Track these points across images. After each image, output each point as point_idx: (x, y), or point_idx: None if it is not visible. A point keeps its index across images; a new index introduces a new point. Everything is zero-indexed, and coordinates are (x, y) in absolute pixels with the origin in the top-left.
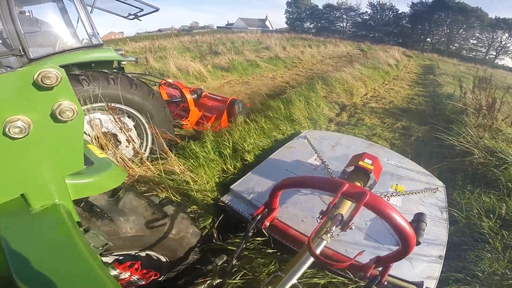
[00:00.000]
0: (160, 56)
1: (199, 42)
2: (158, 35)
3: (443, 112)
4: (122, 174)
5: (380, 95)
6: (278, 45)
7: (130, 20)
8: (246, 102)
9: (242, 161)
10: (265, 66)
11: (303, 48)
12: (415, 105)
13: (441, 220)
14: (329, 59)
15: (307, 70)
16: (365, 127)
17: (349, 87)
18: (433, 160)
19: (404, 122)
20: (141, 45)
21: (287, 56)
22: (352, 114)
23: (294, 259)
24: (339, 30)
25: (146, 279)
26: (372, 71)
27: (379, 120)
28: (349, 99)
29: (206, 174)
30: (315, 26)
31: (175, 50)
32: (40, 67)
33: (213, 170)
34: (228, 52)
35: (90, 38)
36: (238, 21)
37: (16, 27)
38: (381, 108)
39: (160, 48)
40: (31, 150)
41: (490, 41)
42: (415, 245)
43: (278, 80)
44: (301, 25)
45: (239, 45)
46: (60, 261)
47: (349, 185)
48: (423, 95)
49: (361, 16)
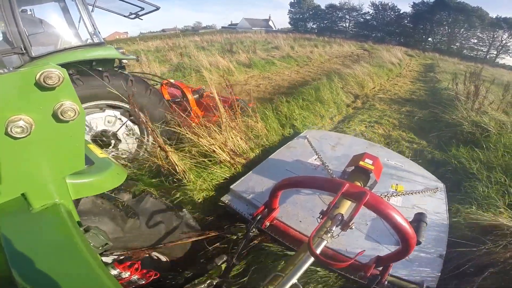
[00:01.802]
0: (180, 54)
1: (210, 41)
2: (164, 35)
3: (440, 100)
4: (122, 173)
5: (386, 89)
6: (287, 45)
7: (131, 19)
8: (247, 102)
9: (292, 128)
10: (279, 64)
11: (311, 48)
12: (416, 96)
13: (442, 220)
14: (336, 58)
15: (318, 68)
16: (376, 110)
17: (360, 81)
18: (432, 131)
19: (408, 107)
20: (154, 44)
21: (297, 55)
22: (365, 101)
23: (294, 258)
24: (341, 30)
25: (146, 279)
26: (377, 69)
27: (388, 106)
28: (360, 91)
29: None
30: (318, 26)
31: (194, 49)
32: (42, 67)
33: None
34: (242, 51)
35: (91, 37)
36: (243, 21)
37: (18, 26)
38: (388, 98)
39: (175, 47)
40: (32, 149)
41: (491, 40)
42: (415, 245)
43: (294, 76)
44: (304, 25)
45: (249, 44)
46: (60, 261)
47: (349, 185)
48: (424, 89)
49: (363, 16)
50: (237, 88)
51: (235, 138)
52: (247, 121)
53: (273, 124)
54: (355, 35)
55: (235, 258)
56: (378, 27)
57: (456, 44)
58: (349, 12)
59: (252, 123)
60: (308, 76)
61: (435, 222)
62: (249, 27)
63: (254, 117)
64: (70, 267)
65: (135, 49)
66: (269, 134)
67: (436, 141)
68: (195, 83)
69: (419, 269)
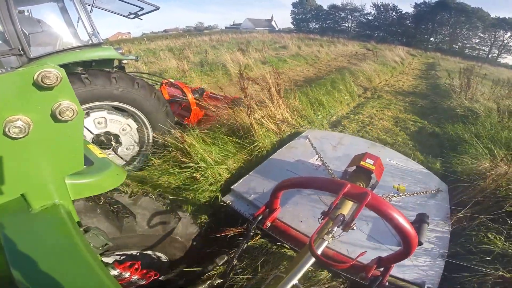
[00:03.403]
0: (197, 52)
1: (220, 41)
2: (169, 35)
3: (439, 92)
4: (121, 174)
5: (391, 84)
6: (294, 44)
7: (130, 19)
8: None
9: (322, 106)
10: (291, 62)
11: (318, 47)
12: (418, 90)
13: (444, 221)
14: (341, 57)
15: (326, 65)
16: (384, 99)
17: (368, 76)
18: (432, 114)
19: (411, 98)
20: (164, 44)
21: (306, 54)
22: (373, 93)
23: (295, 259)
24: (343, 30)
25: (146, 279)
26: (381, 67)
27: (393, 96)
28: (369, 84)
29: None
30: (320, 26)
31: (209, 47)
32: (40, 67)
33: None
34: (253, 50)
35: (90, 37)
36: (246, 22)
37: (15, 27)
38: (393, 90)
39: (190, 45)
40: (31, 150)
41: (493, 40)
42: (417, 246)
43: (306, 72)
44: (306, 25)
45: (255, 44)
46: (60, 261)
47: (350, 185)
48: (425, 84)
49: (365, 16)
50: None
51: (283, 111)
52: (287, 101)
53: (307, 104)
54: (357, 35)
55: (236, 258)
56: (380, 27)
57: (458, 44)
58: (351, 13)
59: (292, 101)
60: (319, 73)
61: (437, 222)
62: (252, 27)
63: (293, 97)
64: (70, 267)
65: (147, 48)
66: (304, 111)
67: (435, 121)
68: (222, 76)
69: (421, 270)
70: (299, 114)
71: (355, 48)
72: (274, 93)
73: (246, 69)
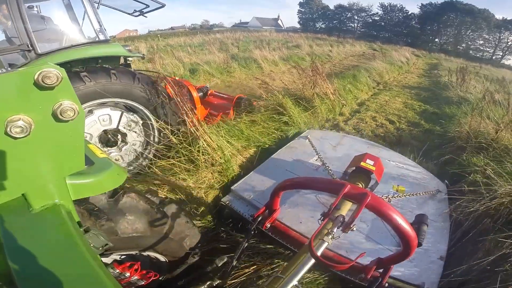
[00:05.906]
0: (220, 48)
1: (235, 39)
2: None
3: (439, 87)
4: (122, 174)
5: (399, 80)
6: (306, 44)
7: (135, 17)
8: (253, 100)
9: (350, 92)
10: (308, 59)
11: (328, 47)
12: (422, 85)
13: (443, 222)
14: (351, 57)
15: (339, 63)
16: (394, 91)
17: (379, 72)
18: (433, 101)
19: (416, 91)
20: (182, 40)
21: (319, 53)
22: (385, 86)
23: (294, 260)
24: (350, 30)
25: (146, 279)
26: (389, 66)
27: (401, 89)
28: (380, 79)
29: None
30: (326, 26)
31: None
32: (40, 67)
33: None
34: (271, 48)
35: (97, 34)
36: (254, 20)
37: (24, 23)
38: (401, 85)
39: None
40: (32, 150)
41: (497, 42)
42: (416, 247)
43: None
44: (313, 25)
45: (267, 43)
46: (60, 261)
47: (350, 186)
48: (428, 81)
49: (371, 17)
50: None
51: (330, 89)
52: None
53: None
54: (363, 35)
55: (235, 259)
56: (386, 28)
57: (463, 45)
58: (358, 13)
59: (332, 85)
60: (335, 69)
61: (437, 223)
62: (259, 26)
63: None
64: (70, 267)
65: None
66: (340, 93)
67: (436, 105)
68: (255, 70)
69: (420, 271)
70: (339, 93)
71: (362, 48)
72: (324, 77)
73: (273, 64)
